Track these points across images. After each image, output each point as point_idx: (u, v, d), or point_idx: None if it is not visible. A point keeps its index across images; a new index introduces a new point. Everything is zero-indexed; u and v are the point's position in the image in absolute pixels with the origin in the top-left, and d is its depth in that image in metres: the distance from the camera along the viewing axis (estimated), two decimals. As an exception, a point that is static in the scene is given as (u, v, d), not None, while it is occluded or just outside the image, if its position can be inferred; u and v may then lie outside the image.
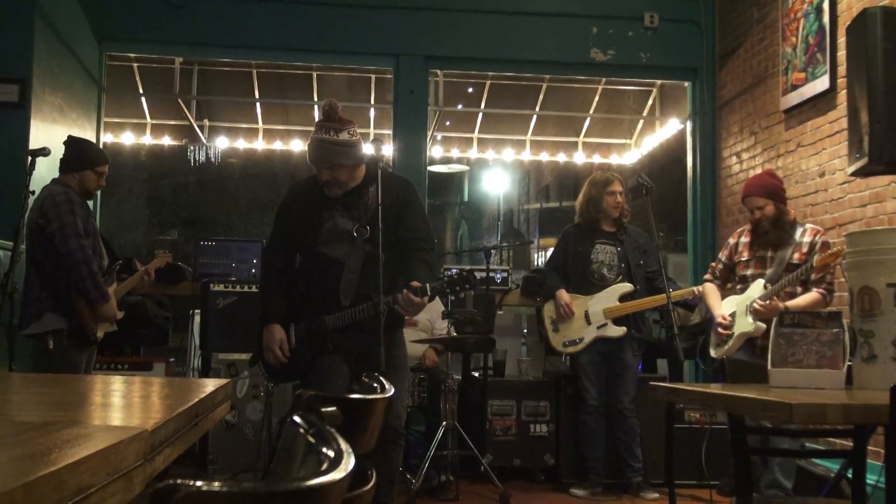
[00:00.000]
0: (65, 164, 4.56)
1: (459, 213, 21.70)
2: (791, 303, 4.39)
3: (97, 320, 4.45)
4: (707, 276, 4.95)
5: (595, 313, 5.29)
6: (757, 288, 4.53)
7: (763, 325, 4.37)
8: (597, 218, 5.37)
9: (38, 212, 4.33)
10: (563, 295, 5.35)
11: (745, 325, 4.50)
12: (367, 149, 3.95)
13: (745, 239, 4.74)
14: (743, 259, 4.70)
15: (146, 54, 7.46)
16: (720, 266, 4.85)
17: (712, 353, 4.72)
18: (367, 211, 3.87)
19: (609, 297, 5.29)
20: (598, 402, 5.31)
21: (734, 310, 4.63)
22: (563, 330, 5.37)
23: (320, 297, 3.85)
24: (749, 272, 4.64)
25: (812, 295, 4.40)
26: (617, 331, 5.25)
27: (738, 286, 4.70)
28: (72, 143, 4.66)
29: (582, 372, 5.34)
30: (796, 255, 4.48)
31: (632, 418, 5.25)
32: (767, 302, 4.38)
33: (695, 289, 5.15)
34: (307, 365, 3.86)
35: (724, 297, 4.80)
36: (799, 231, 4.54)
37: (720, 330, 4.64)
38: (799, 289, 4.48)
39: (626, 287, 5.28)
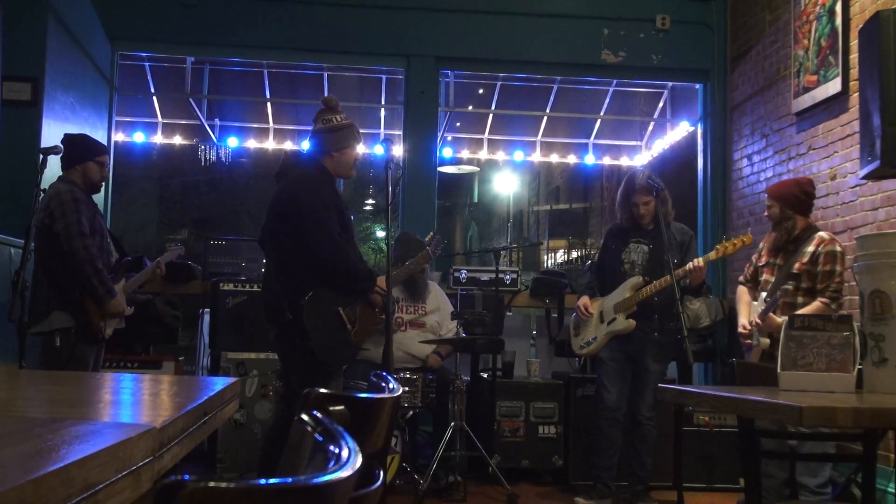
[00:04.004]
0: (66, 160, 4.59)
1: (469, 214, 21.70)
2: (823, 269, 4.43)
3: (105, 317, 4.47)
4: (741, 279, 5.00)
5: (607, 310, 5.02)
6: (761, 303, 4.64)
7: (767, 340, 4.49)
8: (623, 221, 5.13)
9: (44, 211, 4.36)
10: (582, 299, 5.18)
11: (756, 338, 4.61)
12: (362, 148, 4.29)
13: (767, 243, 4.81)
14: (761, 263, 4.80)
15: (158, 54, 7.49)
16: (751, 269, 4.92)
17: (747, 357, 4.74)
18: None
19: (621, 293, 4.98)
20: (616, 407, 4.93)
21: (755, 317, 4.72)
22: (581, 332, 5.17)
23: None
24: (763, 277, 4.74)
25: (814, 305, 4.39)
26: (623, 324, 4.90)
27: (758, 291, 4.79)
28: (70, 139, 4.71)
29: (602, 370, 5.01)
30: (797, 265, 4.51)
31: (648, 426, 4.91)
32: (766, 319, 4.48)
33: (686, 266, 4.76)
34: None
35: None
36: (809, 239, 4.54)
37: (744, 341, 4.73)
38: (800, 299, 4.50)
39: (636, 280, 4.94)
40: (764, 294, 4.62)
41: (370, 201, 18.96)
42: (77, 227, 4.32)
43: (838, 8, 5.42)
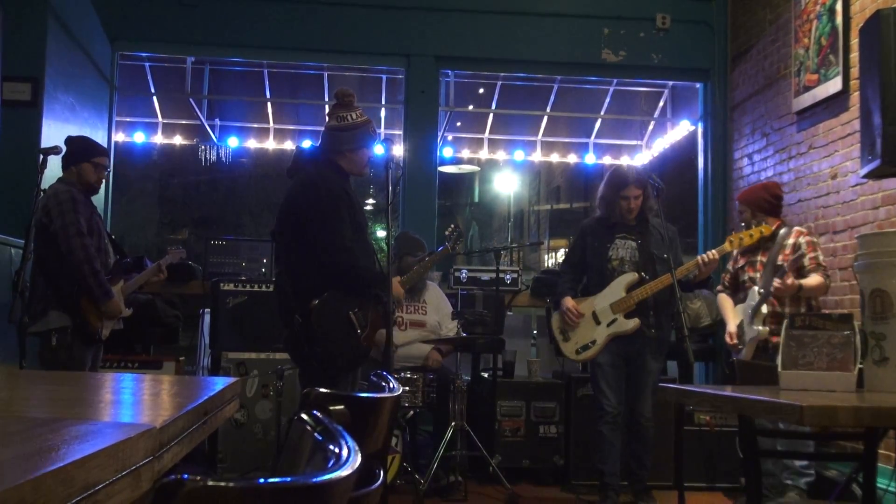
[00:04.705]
0: (65, 161, 4.64)
1: (470, 214, 21.70)
2: (804, 281, 4.61)
3: (102, 318, 4.48)
4: (719, 288, 5.16)
5: (602, 311, 4.82)
6: (753, 295, 4.74)
7: (766, 329, 4.62)
8: (607, 216, 4.98)
9: (42, 211, 4.38)
10: (567, 301, 4.91)
11: (751, 331, 4.70)
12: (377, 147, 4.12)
13: (739, 250, 5.03)
14: (740, 265, 4.96)
15: (158, 54, 7.49)
16: (728, 276, 5.09)
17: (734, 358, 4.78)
18: None
19: (615, 291, 4.80)
20: (617, 411, 4.79)
21: (741, 318, 4.82)
22: (573, 336, 4.91)
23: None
24: (746, 276, 4.89)
25: (817, 278, 4.64)
26: (628, 324, 4.75)
27: (741, 294, 4.92)
28: (69, 141, 4.75)
29: (600, 374, 4.83)
30: (781, 257, 4.72)
31: (649, 426, 4.83)
32: (785, 279, 4.56)
33: (699, 258, 4.75)
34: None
35: (736, 303, 4.99)
36: (783, 233, 4.76)
37: (734, 347, 4.82)
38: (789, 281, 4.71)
39: (631, 276, 4.79)
40: (756, 287, 4.72)
41: (370, 201, 18.96)
42: (75, 227, 4.33)
43: (839, 7, 5.42)
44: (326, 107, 8.23)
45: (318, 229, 3.82)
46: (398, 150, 7.34)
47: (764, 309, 4.66)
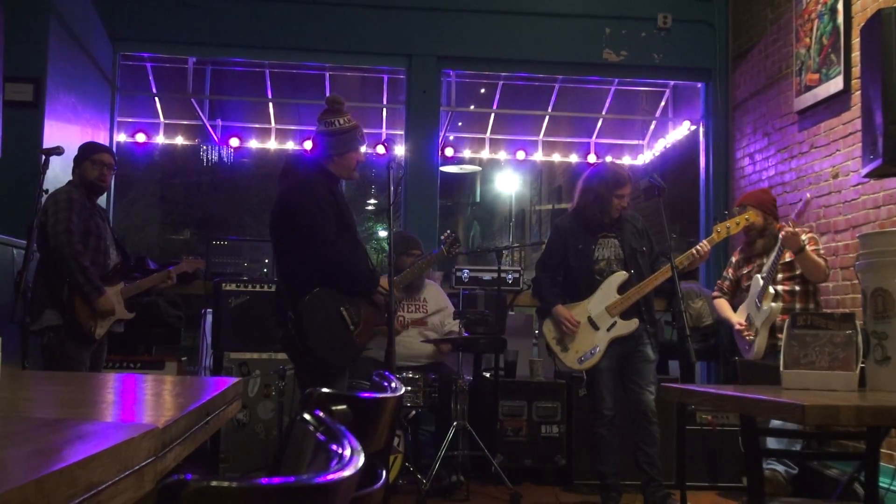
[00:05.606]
0: (73, 164, 4.70)
1: (471, 213, 21.69)
2: (809, 248, 4.70)
3: (95, 317, 4.48)
4: (716, 293, 5.27)
5: (599, 316, 4.74)
6: (757, 284, 4.84)
7: (778, 306, 4.71)
8: (599, 214, 4.84)
9: (42, 212, 4.43)
10: (561, 310, 4.79)
11: (763, 314, 4.75)
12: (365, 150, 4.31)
13: (743, 255, 5.17)
14: (744, 272, 5.08)
15: (159, 54, 7.49)
16: (727, 282, 5.22)
17: (749, 357, 4.75)
18: None
19: (607, 293, 4.74)
20: (614, 413, 4.74)
21: (748, 312, 4.90)
22: (572, 345, 4.78)
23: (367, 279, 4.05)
24: (751, 282, 4.98)
25: (819, 260, 4.76)
26: (629, 326, 4.70)
27: (745, 294, 5.04)
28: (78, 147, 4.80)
29: (599, 378, 4.75)
30: (787, 255, 4.79)
31: (655, 424, 4.72)
32: (793, 228, 4.61)
33: (693, 251, 4.67)
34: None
35: (735, 306, 5.11)
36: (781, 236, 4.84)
37: (744, 335, 4.87)
38: (798, 287, 4.86)
39: (621, 276, 4.72)
40: (758, 275, 4.81)
41: (372, 201, 18.96)
42: (65, 225, 4.39)
43: (840, 6, 5.42)
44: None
45: (300, 227, 3.91)
46: (399, 151, 7.34)
47: (771, 289, 4.75)
